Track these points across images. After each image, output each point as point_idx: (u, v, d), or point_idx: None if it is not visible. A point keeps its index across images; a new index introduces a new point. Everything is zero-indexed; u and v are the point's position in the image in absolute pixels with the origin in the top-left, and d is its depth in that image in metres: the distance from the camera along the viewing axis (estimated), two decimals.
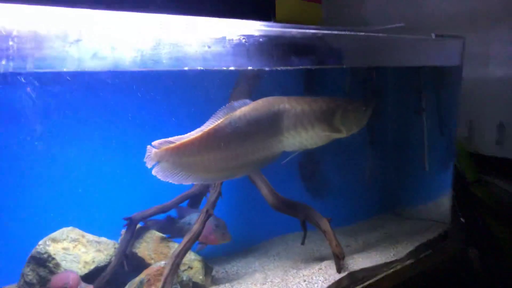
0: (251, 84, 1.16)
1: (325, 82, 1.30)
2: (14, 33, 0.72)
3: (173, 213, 1.21)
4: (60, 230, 1.00)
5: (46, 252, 0.95)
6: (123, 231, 1.12)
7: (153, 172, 0.87)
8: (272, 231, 1.44)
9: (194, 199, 1.17)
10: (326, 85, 1.30)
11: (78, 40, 0.78)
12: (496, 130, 1.52)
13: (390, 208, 1.52)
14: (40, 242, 0.97)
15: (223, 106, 0.90)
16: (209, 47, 0.90)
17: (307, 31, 1.08)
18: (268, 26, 1.02)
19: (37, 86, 0.87)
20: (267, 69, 0.99)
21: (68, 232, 1.01)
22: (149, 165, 0.88)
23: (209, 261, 1.21)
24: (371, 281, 1.20)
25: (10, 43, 0.71)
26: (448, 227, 1.40)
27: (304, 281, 1.15)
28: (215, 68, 0.92)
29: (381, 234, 1.39)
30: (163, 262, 1.05)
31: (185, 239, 1.04)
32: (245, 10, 1.11)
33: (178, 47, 0.84)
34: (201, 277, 1.15)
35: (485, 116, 1.58)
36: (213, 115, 0.90)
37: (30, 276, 0.94)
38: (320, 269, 1.19)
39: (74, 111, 0.97)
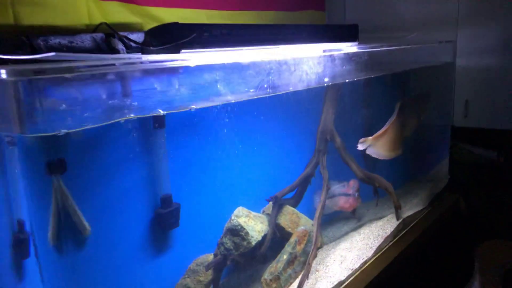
0: (336, 92, 1.58)
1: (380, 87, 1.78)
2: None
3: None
4: (237, 209, 1.30)
5: (239, 224, 1.24)
6: (264, 208, 1.46)
7: (367, 152, 1.50)
8: None
9: (307, 179, 1.55)
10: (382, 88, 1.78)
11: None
12: (463, 106, 2.14)
13: (413, 176, 2.09)
14: (232, 217, 1.26)
15: None
16: (343, 67, 1.31)
17: (380, 48, 1.55)
18: (358, 47, 1.46)
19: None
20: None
21: (242, 210, 1.30)
22: (362, 148, 1.50)
23: None
24: (412, 223, 1.76)
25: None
26: (446, 183, 2.03)
27: (381, 228, 1.64)
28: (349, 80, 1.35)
29: (411, 194, 1.95)
30: (303, 227, 1.42)
31: (318, 208, 1.44)
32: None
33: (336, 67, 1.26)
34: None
35: (455, 95, 2.11)
36: None
37: (228, 243, 1.23)
38: (388, 220, 1.70)
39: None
